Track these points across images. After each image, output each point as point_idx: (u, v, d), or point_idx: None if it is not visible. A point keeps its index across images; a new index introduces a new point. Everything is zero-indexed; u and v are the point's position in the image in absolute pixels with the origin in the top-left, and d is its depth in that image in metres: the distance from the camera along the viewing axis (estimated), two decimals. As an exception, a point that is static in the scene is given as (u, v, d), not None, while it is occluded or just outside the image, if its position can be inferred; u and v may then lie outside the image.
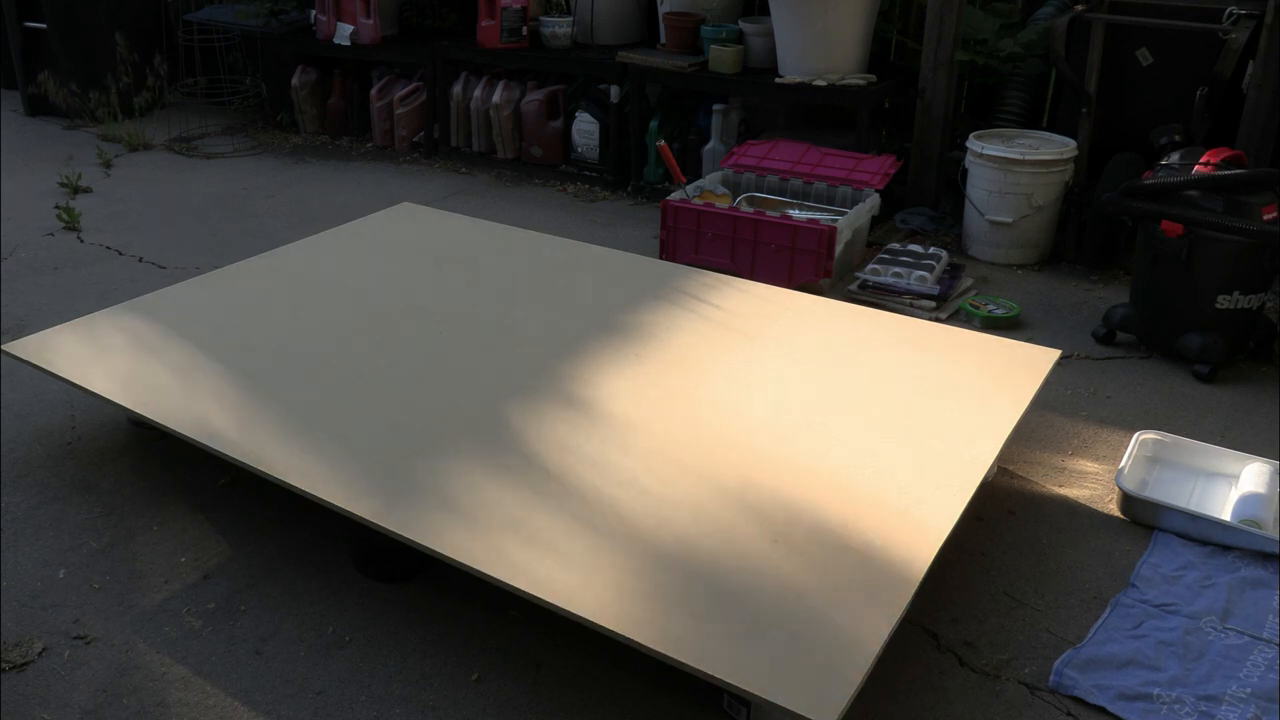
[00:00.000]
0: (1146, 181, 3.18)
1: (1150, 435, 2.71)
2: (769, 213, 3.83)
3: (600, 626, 1.71)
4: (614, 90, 4.86)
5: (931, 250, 3.80)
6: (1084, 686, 1.94)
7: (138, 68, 5.85)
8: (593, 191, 4.98)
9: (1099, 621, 2.12)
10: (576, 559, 1.86)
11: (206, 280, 3.09)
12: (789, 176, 4.13)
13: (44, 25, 5.84)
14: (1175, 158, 3.27)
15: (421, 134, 5.54)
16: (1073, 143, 3.99)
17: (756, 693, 1.58)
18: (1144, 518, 2.46)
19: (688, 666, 1.64)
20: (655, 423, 2.30)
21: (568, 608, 1.75)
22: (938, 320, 3.48)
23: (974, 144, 4.02)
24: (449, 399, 2.40)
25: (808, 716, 1.54)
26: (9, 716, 1.87)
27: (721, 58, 4.60)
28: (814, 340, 2.72)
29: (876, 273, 3.69)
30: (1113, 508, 2.52)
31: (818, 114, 4.81)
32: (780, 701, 1.56)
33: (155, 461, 2.64)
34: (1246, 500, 2.44)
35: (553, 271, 3.15)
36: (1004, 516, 2.49)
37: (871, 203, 3.94)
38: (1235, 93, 3.82)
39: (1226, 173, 3.08)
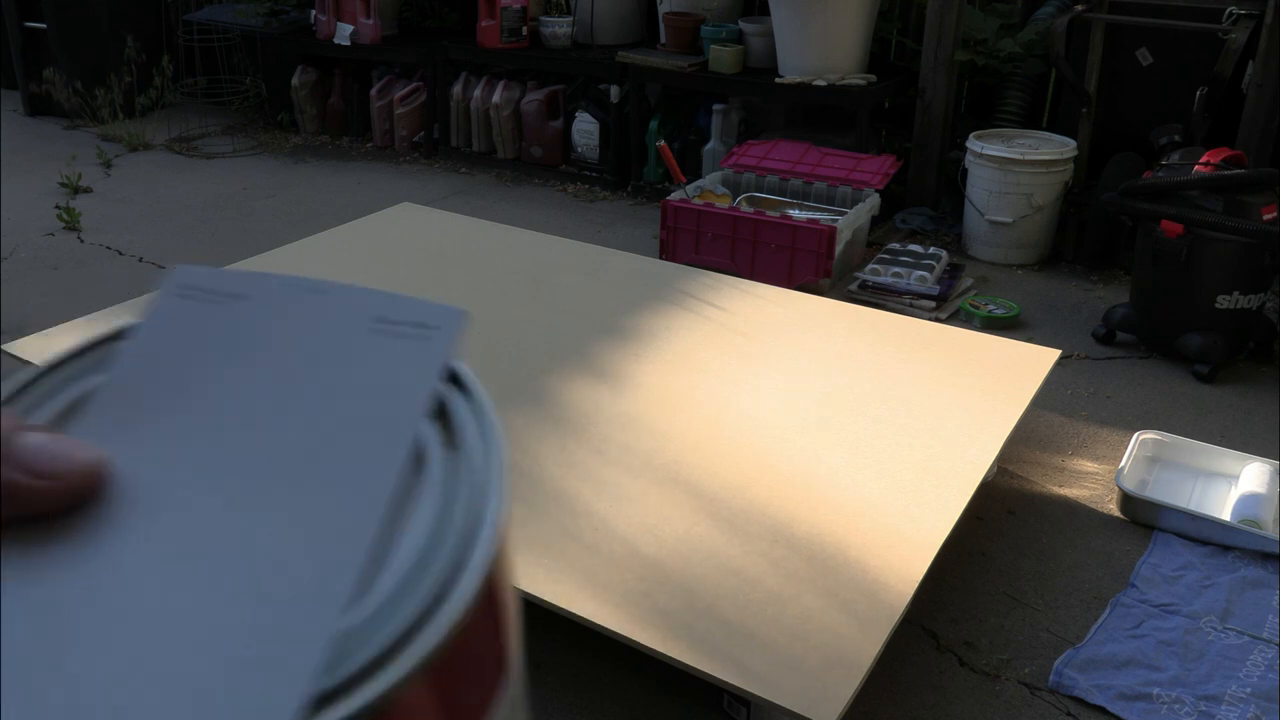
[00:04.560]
0: (1146, 181, 3.18)
1: (1150, 435, 2.71)
2: (769, 213, 3.83)
3: (600, 626, 1.71)
4: (614, 90, 4.86)
5: (931, 250, 3.80)
6: (1084, 686, 1.94)
7: (139, 68, 5.85)
8: (593, 191, 4.98)
9: (1099, 621, 2.12)
10: (576, 560, 1.86)
11: (206, 280, 3.09)
12: (789, 176, 4.13)
13: (44, 25, 5.84)
14: (1175, 158, 3.27)
15: (421, 134, 5.54)
16: (1073, 143, 3.99)
17: (756, 693, 1.58)
18: (1144, 518, 2.46)
19: (688, 666, 1.64)
20: (655, 422, 2.30)
21: (568, 608, 1.75)
22: (938, 320, 3.48)
23: (974, 144, 4.02)
24: (449, 399, 2.39)
25: (808, 716, 1.54)
26: (9, 716, 1.87)
27: (721, 58, 4.60)
28: (814, 340, 2.72)
29: (876, 273, 3.69)
30: (1113, 508, 2.52)
31: (818, 114, 4.80)
32: (780, 701, 1.56)
33: (155, 461, 2.64)
34: (1246, 500, 2.44)
35: (552, 271, 3.15)
36: (1004, 516, 2.49)
37: (871, 203, 3.93)
38: (1235, 93, 3.82)
39: (1226, 173, 3.08)
